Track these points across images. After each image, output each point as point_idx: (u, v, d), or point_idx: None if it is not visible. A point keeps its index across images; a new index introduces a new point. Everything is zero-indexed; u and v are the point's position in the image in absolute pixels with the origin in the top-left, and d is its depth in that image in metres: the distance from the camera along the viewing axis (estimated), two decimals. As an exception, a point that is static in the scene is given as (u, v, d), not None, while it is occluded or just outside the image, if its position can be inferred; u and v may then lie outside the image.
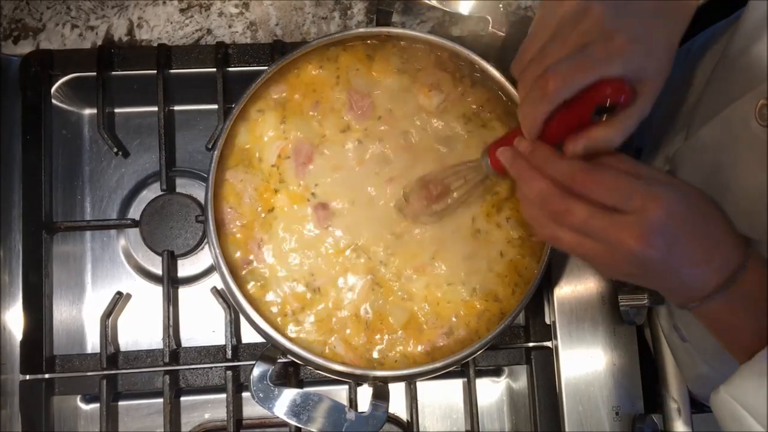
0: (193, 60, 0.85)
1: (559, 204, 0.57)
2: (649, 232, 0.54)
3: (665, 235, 0.54)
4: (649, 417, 0.79)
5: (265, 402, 0.69)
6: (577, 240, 0.57)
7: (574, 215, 0.56)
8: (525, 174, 0.60)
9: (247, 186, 0.74)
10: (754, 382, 0.56)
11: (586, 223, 0.56)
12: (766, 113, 0.59)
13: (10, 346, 0.79)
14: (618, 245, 0.55)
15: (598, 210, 0.55)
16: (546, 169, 0.58)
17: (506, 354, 0.82)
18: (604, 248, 0.56)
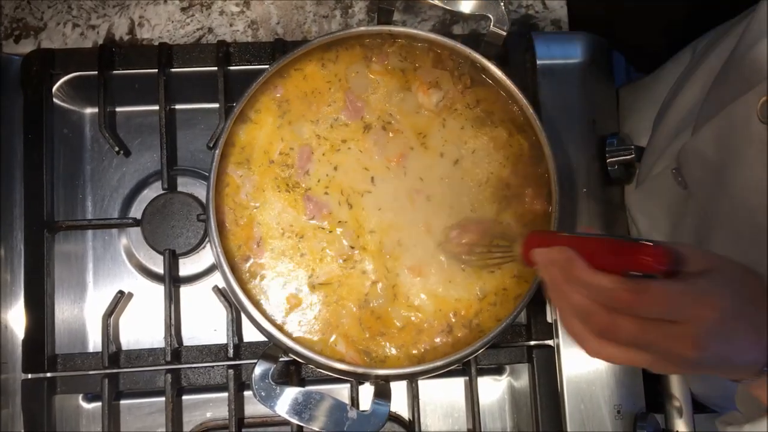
0: (194, 59, 0.85)
1: (604, 320, 0.53)
2: (704, 339, 0.52)
3: (719, 336, 0.52)
4: (650, 416, 0.79)
5: (267, 401, 0.69)
6: (625, 353, 0.55)
7: (623, 331, 0.53)
8: (562, 286, 0.56)
9: (248, 184, 0.74)
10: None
11: (636, 337, 0.53)
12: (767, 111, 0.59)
13: (12, 345, 0.79)
14: (671, 354, 0.53)
15: (646, 322, 0.53)
16: (582, 284, 0.55)
17: (508, 352, 0.82)
18: (655, 356, 0.54)
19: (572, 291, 0.55)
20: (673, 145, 0.77)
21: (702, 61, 0.78)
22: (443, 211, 0.75)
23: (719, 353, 0.53)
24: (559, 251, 0.57)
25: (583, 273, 0.54)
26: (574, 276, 0.55)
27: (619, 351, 0.55)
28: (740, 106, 0.62)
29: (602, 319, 0.53)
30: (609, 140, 0.85)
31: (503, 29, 0.76)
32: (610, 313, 0.53)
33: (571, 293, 0.55)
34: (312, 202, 0.75)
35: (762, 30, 0.63)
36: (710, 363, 0.54)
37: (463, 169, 0.77)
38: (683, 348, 0.52)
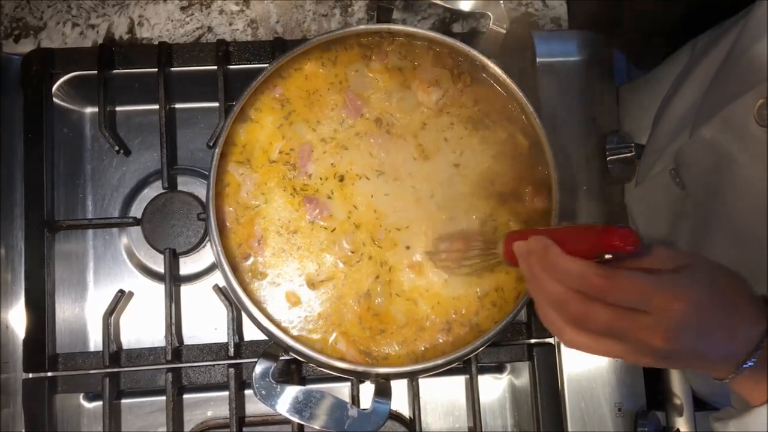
0: (193, 58, 0.85)
1: (577, 308, 0.55)
2: (674, 330, 0.53)
3: (690, 329, 0.53)
4: (651, 413, 0.79)
5: (268, 399, 0.69)
6: (599, 342, 0.56)
7: (595, 319, 0.54)
8: (538, 274, 0.57)
9: (249, 183, 0.74)
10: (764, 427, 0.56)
11: (608, 325, 0.54)
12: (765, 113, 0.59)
13: (13, 345, 0.79)
14: (643, 344, 0.54)
15: (619, 312, 0.54)
16: (556, 272, 0.56)
17: (508, 351, 0.82)
18: (627, 346, 0.55)
19: (548, 279, 0.56)
20: (671, 145, 0.77)
21: (701, 61, 0.78)
22: (443, 210, 0.75)
23: (691, 347, 0.54)
24: (535, 240, 0.58)
25: (557, 258, 0.55)
26: (550, 263, 0.56)
27: (592, 341, 0.56)
28: (738, 108, 0.62)
29: (576, 306, 0.55)
30: (609, 138, 0.84)
31: (503, 27, 0.76)
32: (583, 301, 0.54)
33: (546, 281, 0.56)
34: (312, 201, 0.75)
35: (759, 31, 0.63)
36: (682, 356, 0.55)
37: (463, 167, 0.77)
38: (654, 338, 0.53)
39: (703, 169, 0.69)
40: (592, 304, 0.54)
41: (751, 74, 0.62)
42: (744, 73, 0.64)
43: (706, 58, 0.77)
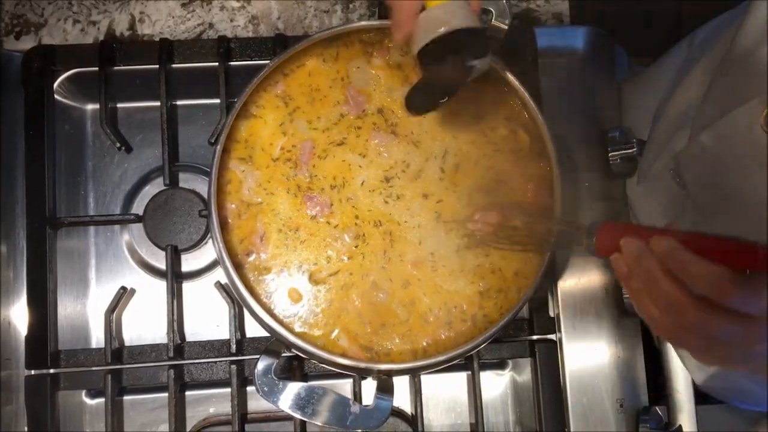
0: (195, 54, 0.84)
1: (696, 317, 0.53)
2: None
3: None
4: (653, 409, 0.80)
5: (270, 396, 0.69)
6: (702, 343, 0.55)
7: (711, 327, 0.53)
8: (655, 275, 0.55)
9: (250, 180, 0.74)
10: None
11: (719, 331, 0.53)
12: None
13: (15, 342, 0.79)
14: (744, 347, 0.54)
15: (734, 318, 0.53)
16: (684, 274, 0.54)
17: (510, 347, 0.82)
18: (728, 349, 0.55)
19: (666, 281, 0.55)
20: (671, 143, 0.77)
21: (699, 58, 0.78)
22: (446, 205, 0.75)
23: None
24: (660, 240, 0.56)
25: (689, 262, 0.53)
26: (677, 265, 0.54)
27: (702, 344, 0.55)
28: (743, 114, 0.62)
29: (696, 314, 0.53)
30: (611, 134, 0.84)
31: (504, 23, 0.76)
32: (705, 308, 0.53)
33: (664, 283, 0.55)
34: (313, 198, 0.75)
35: (762, 35, 0.62)
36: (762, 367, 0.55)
37: (464, 164, 0.77)
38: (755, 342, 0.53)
39: (704, 172, 0.69)
40: (711, 311, 0.53)
41: (756, 80, 0.62)
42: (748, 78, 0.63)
43: (705, 56, 0.76)
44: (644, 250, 0.57)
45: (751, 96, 0.61)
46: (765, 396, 0.64)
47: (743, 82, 0.64)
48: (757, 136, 0.60)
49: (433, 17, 0.65)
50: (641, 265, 0.57)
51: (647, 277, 0.56)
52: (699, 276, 0.53)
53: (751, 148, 0.61)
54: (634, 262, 0.58)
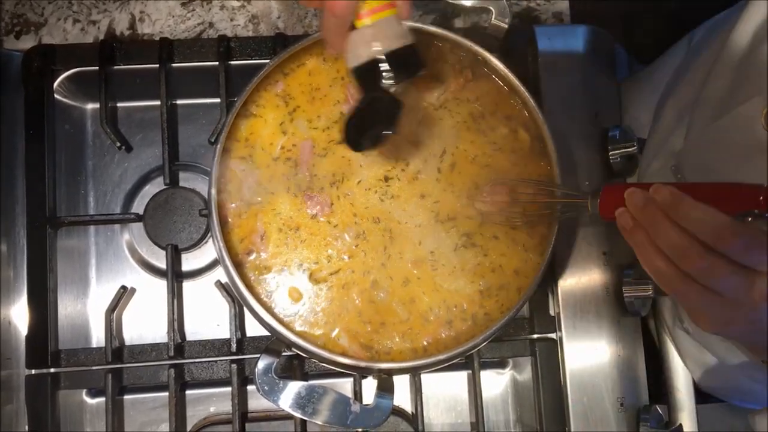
0: (195, 54, 0.84)
1: (700, 261, 0.54)
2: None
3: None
4: (653, 408, 0.80)
5: (270, 395, 0.69)
6: (705, 294, 0.55)
7: (714, 273, 0.54)
8: (659, 223, 0.56)
9: (251, 179, 0.74)
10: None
11: (724, 281, 0.54)
12: None
13: (16, 341, 0.79)
14: (747, 302, 0.54)
15: (737, 266, 0.53)
16: (687, 220, 0.54)
17: (510, 346, 0.82)
18: (731, 305, 0.55)
19: (670, 228, 0.55)
20: (670, 141, 0.77)
21: (697, 57, 0.78)
22: (446, 204, 0.75)
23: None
24: (662, 188, 0.56)
25: (692, 207, 0.54)
26: (681, 211, 0.55)
27: (698, 292, 0.55)
28: (744, 112, 0.62)
29: (700, 259, 0.54)
30: (611, 133, 0.84)
31: (505, 22, 0.76)
32: (708, 254, 0.53)
33: (668, 231, 0.55)
34: (313, 197, 0.75)
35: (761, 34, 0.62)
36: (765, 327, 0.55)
37: (465, 162, 0.77)
38: (759, 297, 0.53)
39: (705, 169, 0.69)
40: (716, 258, 0.53)
41: (756, 79, 0.62)
42: (748, 77, 0.63)
43: (703, 55, 0.77)
44: (648, 199, 0.57)
45: (751, 95, 0.61)
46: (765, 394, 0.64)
47: (742, 81, 0.64)
48: (758, 135, 0.60)
49: (360, 38, 0.64)
50: (645, 215, 0.57)
51: (652, 225, 0.57)
52: (701, 221, 0.54)
53: (751, 146, 0.61)
54: (638, 212, 0.58)
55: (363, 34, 0.64)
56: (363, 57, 0.64)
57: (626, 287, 0.81)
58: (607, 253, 0.83)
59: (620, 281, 0.82)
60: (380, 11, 0.64)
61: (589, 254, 0.83)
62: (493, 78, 0.78)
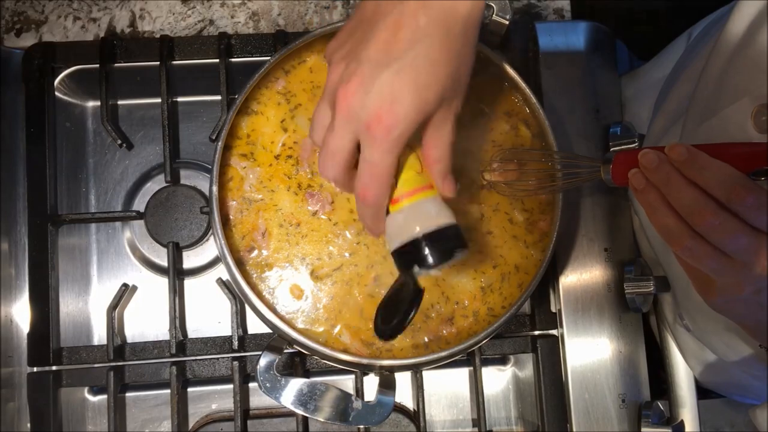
0: (195, 51, 0.84)
1: (712, 216, 0.54)
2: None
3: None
4: (655, 404, 0.80)
5: (272, 392, 0.69)
6: (713, 255, 0.55)
7: (725, 230, 0.54)
8: (673, 179, 0.56)
9: (252, 176, 0.74)
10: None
11: (735, 239, 0.54)
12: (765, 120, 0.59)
13: (18, 339, 0.79)
14: (755, 266, 0.54)
15: (747, 226, 0.53)
16: (701, 177, 0.55)
17: (512, 342, 0.83)
18: (737, 268, 0.55)
19: (684, 184, 0.55)
20: (667, 138, 0.77)
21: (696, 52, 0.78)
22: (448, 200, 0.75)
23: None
24: (678, 146, 0.56)
25: (707, 162, 0.54)
26: (695, 168, 0.55)
27: (707, 250, 0.55)
28: (734, 112, 0.62)
29: (710, 214, 0.54)
30: (612, 129, 0.84)
31: (506, 18, 0.76)
32: (720, 209, 0.54)
33: (683, 187, 0.55)
34: (314, 194, 0.75)
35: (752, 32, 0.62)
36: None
37: (465, 159, 0.77)
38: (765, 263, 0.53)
39: None
40: (728, 215, 0.53)
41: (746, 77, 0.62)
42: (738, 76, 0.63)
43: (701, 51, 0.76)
44: (662, 158, 0.57)
45: (740, 95, 0.61)
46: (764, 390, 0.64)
47: (734, 79, 0.64)
48: (748, 135, 0.60)
49: (395, 222, 0.60)
50: (659, 173, 0.57)
51: (665, 183, 0.57)
52: (715, 177, 0.54)
53: None
54: (652, 172, 0.58)
55: (397, 218, 0.60)
56: (401, 239, 0.60)
57: (627, 283, 0.81)
58: (608, 250, 0.83)
59: (621, 278, 0.82)
60: (418, 193, 0.60)
61: (590, 251, 0.83)
62: (494, 74, 0.78)
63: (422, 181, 0.61)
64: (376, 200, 0.59)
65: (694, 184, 0.55)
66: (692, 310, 0.77)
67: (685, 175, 0.56)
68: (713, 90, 0.67)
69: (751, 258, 0.54)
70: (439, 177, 0.61)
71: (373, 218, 0.61)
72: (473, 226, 0.75)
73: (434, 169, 0.61)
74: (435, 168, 0.61)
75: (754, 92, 0.60)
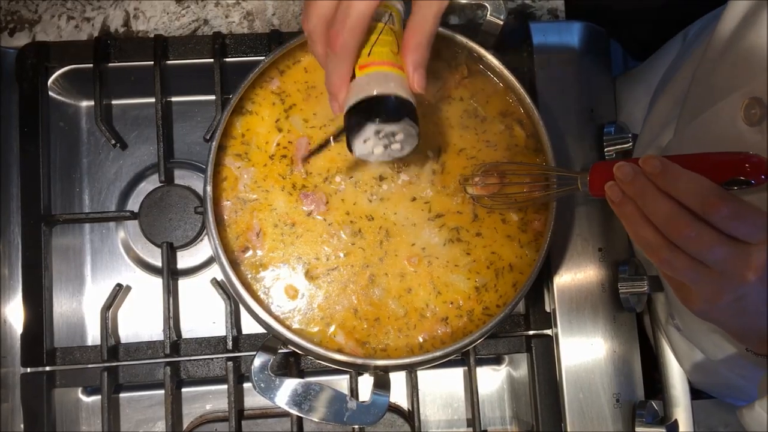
0: (190, 51, 0.84)
1: (687, 228, 0.54)
2: (765, 265, 0.54)
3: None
4: (649, 403, 0.80)
5: (267, 392, 0.69)
6: (692, 266, 0.56)
7: (702, 241, 0.54)
8: (648, 192, 0.57)
9: (246, 176, 0.74)
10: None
11: (713, 250, 0.54)
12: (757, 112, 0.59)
13: (11, 339, 0.79)
14: (733, 275, 0.54)
15: (723, 236, 0.54)
16: (675, 189, 0.55)
17: (506, 342, 0.83)
18: (715, 278, 0.55)
19: (659, 197, 0.56)
20: (660, 138, 0.77)
21: (690, 52, 0.78)
22: (442, 201, 0.75)
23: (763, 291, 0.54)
24: (651, 158, 0.57)
25: (680, 174, 0.55)
26: (669, 179, 0.55)
27: (685, 261, 0.56)
28: (725, 107, 0.62)
29: (685, 226, 0.54)
30: (606, 129, 0.85)
31: (500, 18, 0.76)
32: (695, 221, 0.54)
33: (657, 199, 0.56)
34: (309, 195, 0.74)
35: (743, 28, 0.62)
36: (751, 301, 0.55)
37: (462, 159, 0.77)
38: (746, 268, 0.53)
39: None
40: (703, 224, 0.54)
41: (737, 72, 0.62)
42: (729, 71, 0.63)
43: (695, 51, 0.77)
44: (637, 171, 0.58)
45: (731, 90, 0.61)
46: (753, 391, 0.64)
47: (725, 74, 0.64)
48: (739, 129, 0.60)
49: (358, 85, 0.61)
50: (635, 186, 0.58)
51: (640, 196, 0.57)
52: (689, 189, 0.54)
53: (732, 141, 0.61)
54: (627, 184, 0.59)
55: (360, 80, 0.61)
56: (357, 97, 0.60)
57: (622, 283, 0.81)
58: (602, 250, 0.83)
59: (616, 277, 0.82)
60: (387, 66, 0.61)
61: (584, 251, 0.83)
62: (489, 75, 0.78)
63: (395, 61, 0.62)
64: (344, 47, 0.59)
65: (669, 196, 0.55)
66: (682, 311, 0.77)
67: (660, 188, 0.56)
68: (705, 87, 0.67)
69: (729, 267, 0.54)
70: (411, 65, 0.61)
71: (338, 74, 0.60)
72: (467, 226, 0.75)
73: (408, 57, 0.61)
74: (409, 56, 0.61)
75: (744, 86, 0.60)
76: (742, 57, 0.61)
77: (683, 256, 0.56)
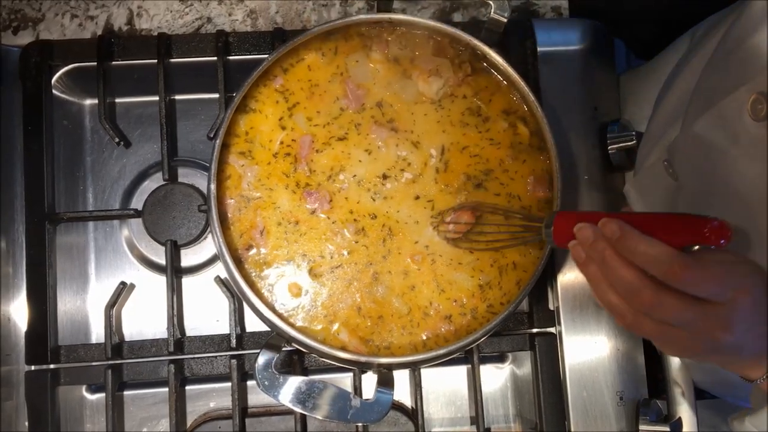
0: (193, 49, 0.84)
1: (651, 298, 0.54)
2: (736, 322, 0.53)
3: (746, 323, 0.54)
4: (653, 402, 0.80)
5: (271, 390, 0.69)
6: (660, 329, 0.56)
7: (666, 309, 0.54)
8: (608, 259, 0.56)
9: (250, 174, 0.74)
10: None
11: (679, 315, 0.54)
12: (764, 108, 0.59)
13: (15, 337, 0.79)
14: (704, 334, 0.54)
15: (689, 301, 0.53)
16: (635, 256, 0.55)
17: (510, 340, 0.83)
18: (687, 335, 0.55)
19: (620, 265, 0.55)
20: (665, 136, 0.77)
21: (698, 50, 0.78)
22: (445, 199, 0.75)
23: (743, 341, 0.54)
24: (610, 222, 0.56)
25: (638, 242, 0.54)
26: (627, 247, 0.55)
27: (652, 326, 0.56)
28: (731, 102, 0.62)
29: (649, 295, 0.54)
30: (610, 127, 0.84)
31: (504, 16, 0.76)
32: (658, 290, 0.54)
33: (619, 268, 0.55)
34: (312, 193, 0.75)
35: (753, 24, 0.62)
36: (733, 349, 0.55)
37: (465, 157, 0.77)
38: (717, 329, 0.53)
39: (695, 162, 0.69)
40: (666, 293, 0.54)
41: (745, 68, 0.62)
42: (737, 67, 0.63)
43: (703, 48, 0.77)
44: (597, 234, 0.57)
45: (740, 84, 0.61)
46: None
47: (733, 70, 0.64)
48: (745, 124, 0.60)
49: None
50: (595, 250, 0.57)
51: (601, 261, 0.57)
52: (648, 256, 0.54)
53: (738, 135, 0.61)
54: (588, 247, 0.58)
55: None
56: None
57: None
58: (606, 248, 0.83)
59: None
60: None
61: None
62: (492, 72, 0.78)
63: None
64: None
65: (630, 262, 0.55)
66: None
67: (621, 254, 0.55)
68: (713, 83, 0.67)
69: (699, 328, 0.54)
70: None
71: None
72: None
73: None
74: None
75: (751, 82, 0.60)
76: (751, 53, 0.61)
77: (649, 321, 0.56)
